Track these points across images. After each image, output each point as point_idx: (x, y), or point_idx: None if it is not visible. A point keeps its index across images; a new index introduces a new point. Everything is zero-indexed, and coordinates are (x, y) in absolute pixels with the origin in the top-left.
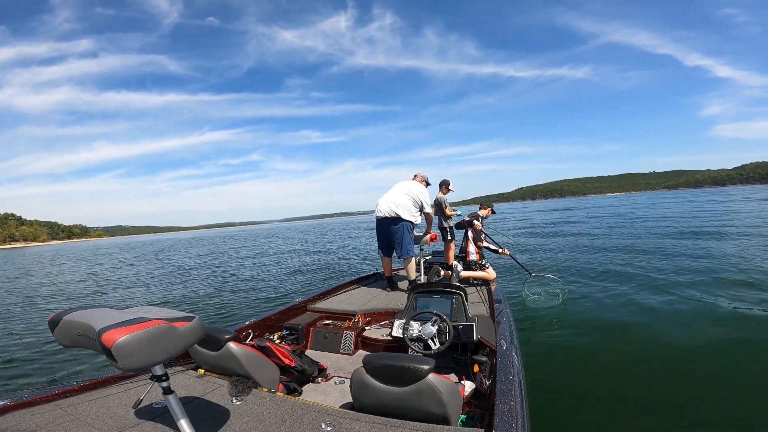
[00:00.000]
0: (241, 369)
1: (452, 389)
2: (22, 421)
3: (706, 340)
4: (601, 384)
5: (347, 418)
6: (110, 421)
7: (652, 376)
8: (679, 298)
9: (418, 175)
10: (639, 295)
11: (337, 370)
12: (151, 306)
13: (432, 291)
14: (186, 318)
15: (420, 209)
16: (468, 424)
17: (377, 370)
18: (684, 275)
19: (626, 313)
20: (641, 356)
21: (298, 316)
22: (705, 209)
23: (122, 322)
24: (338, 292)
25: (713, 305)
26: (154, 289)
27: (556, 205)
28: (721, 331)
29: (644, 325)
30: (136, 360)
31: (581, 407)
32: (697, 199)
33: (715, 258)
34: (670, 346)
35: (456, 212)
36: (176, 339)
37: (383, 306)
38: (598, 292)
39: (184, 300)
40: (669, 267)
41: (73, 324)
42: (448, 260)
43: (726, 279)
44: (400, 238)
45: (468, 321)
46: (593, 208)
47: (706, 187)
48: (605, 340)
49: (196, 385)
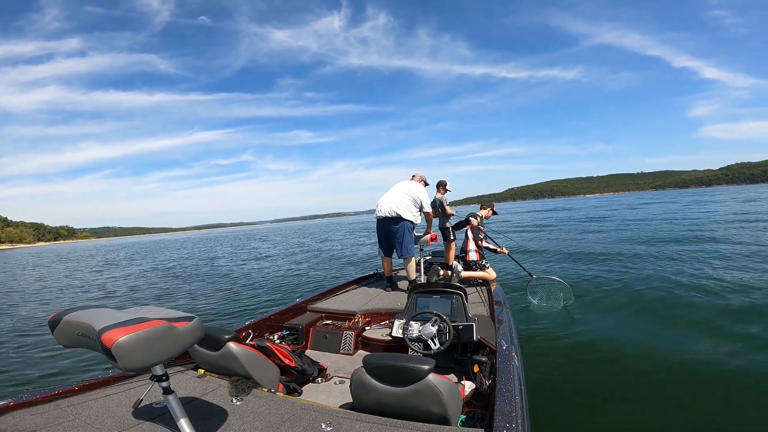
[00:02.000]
0: (241, 369)
1: (452, 389)
2: (22, 421)
3: (711, 344)
4: (601, 384)
5: (347, 418)
6: (110, 421)
7: (652, 376)
8: (682, 300)
9: (416, 175)
10: (640, 296)
11: (337, 370)
12: (151, 306)
13: (432, 291)
14: (186, 318)
15: (420, 209)
16: (468, 424)
17: (377, 370)
18: (686, 277)
19: (627, 313)
20: (641, 357)
21: (298, 316)
22: (684, 212)
23: (122, 322)
24: (338, 292)
25: (716, 307)
26: (153, 288)
27: (543, 206)
28: (728, 334)
29: (645, 326)
30: (136, 360)
31: (581, 407)
32: (678, 202)
33: (708, 260)
34: (671, 348)
35: (453, 213)
36: (176, 339)
37: (383, 306)
38: (598, 293)
39: (184, 300)
40: (670, 268)
41: (73, 324)
42: (448, 260)
43: (719, 280)
44: (401, 237)
45: (468, 321)
46: (571, 210)
47: (692, 187)
48: (606, 341)
49: (196, 385)
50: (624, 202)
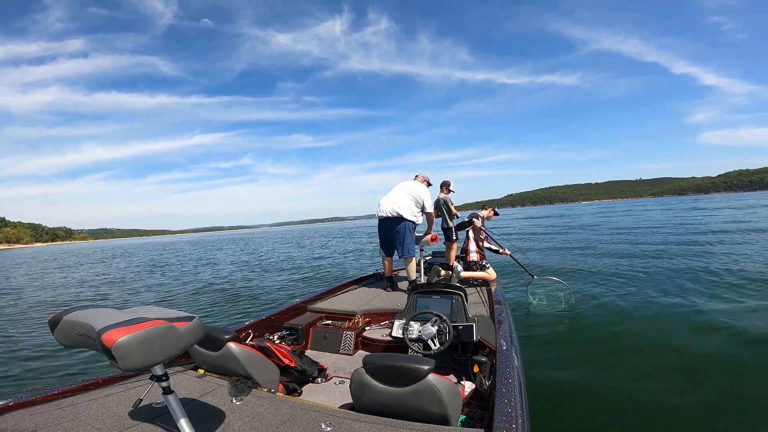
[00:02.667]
0: (241, 369)
1: (452, 389)
2: (22, 421)
3: (712, 344)
4: (601, 384)
5: (347, 418)
6: (110, 421)
7: (653, 377)
8: (683, 302)
9: (419, 176)
10: (640, 298)
11: (337, 370)
12: (151, 306)
13: (432, 291)
14: (186, 318)
15: (422, 209)
16: (468, 424)
17: (377, 370)
18: (688, 281)
19: (628, 314)
20: (642, 358)
21: (298, 317)
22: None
23: (122, 322)
24: (338, 292)
25: (718, 308)
26: (153, 289)
27: (537, 213)
28: (731, 335)
29: (646, 327)
30: (136, 360)
31: (581, 408)
32: (676, 208)
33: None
34: (672, 349)
35: (458, 214)
36: (176, 339)
37: (383, 306)
38: (599, 294)
39: (184, 300)
40: (669, 269)
41: (74, 324)
42: (449, 260)
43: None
44: (402, 237)
45: (468, 321)
46: (568, 217)
47: (690, 194)
48: (606, 341)
49: (196, 385)
50: (622, 209)
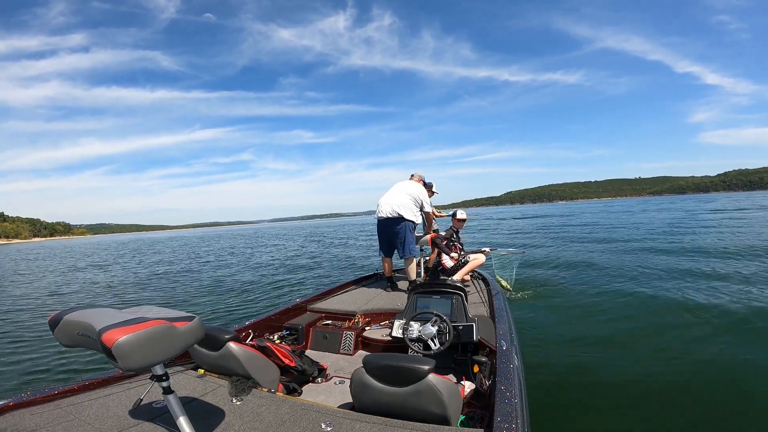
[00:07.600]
0: (241, 369)
1: (452, 389)
2: (22, 421)
3: (713, 345)
4: (601, 385)
5: (347, 418)
6: (110, 421)
7: (653, 377)
8: (685, 303)
9: (415, 175)
10: (643, 299)
11: (337, 370)
12: (152, 306)
13: (432, 291)
14: (186, 318)
15: (420, 208)
16: (468, 424)
17: (377, 370)
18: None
19: (628, 315)
20: (643, 358)
21: (298, 317)
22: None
23: (122, 321)
24: (338, 292)
25: (721, 309)
26: (153, 288)
27: (534, 211)
28: (731, 334)
29: (647, 327)
30: (136, 360)
31: (582, 408)
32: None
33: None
34: (672, 349)
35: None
36: (176, 339)
37: (383, 306)
38: (600, 295)
39: (184, 300)
40: (669, 270)
41: (74, 324)
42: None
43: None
44: (402, 237)
45: (468, 321)
46: (570, 216)
47: (689, 193)
48: (607, 342)
49: (196, 385)
50: (621, 207)
